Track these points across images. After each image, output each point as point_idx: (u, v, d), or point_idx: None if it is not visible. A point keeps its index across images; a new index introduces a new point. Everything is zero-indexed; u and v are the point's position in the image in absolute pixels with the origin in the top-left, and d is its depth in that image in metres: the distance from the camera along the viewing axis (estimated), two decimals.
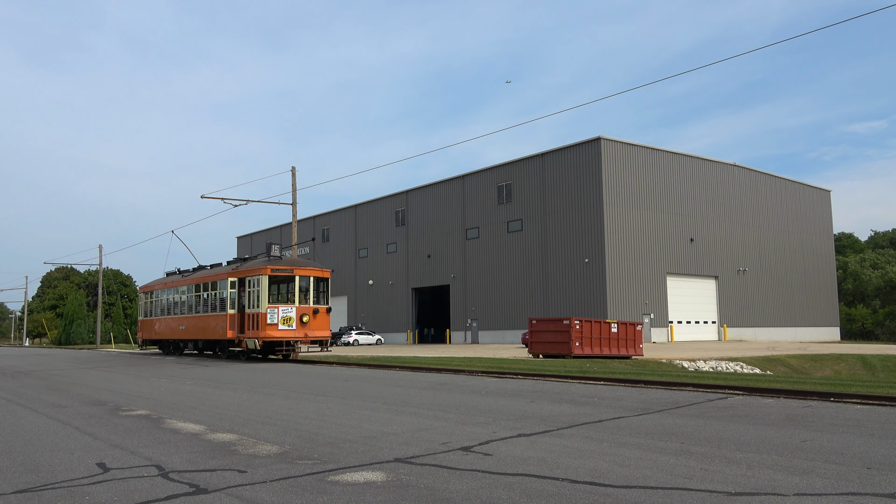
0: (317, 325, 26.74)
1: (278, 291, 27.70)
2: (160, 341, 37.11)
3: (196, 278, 32.16)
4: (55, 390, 15.75)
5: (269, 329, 25.68)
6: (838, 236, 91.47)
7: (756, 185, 60.26)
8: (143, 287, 39.86)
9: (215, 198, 34.44)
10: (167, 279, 36.55)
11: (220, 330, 28.72)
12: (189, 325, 32.37)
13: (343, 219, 72.55)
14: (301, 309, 26.41)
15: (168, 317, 35.17)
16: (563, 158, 51.22)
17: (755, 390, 12.91)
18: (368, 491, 5.62)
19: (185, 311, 33.11)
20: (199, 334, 31.19)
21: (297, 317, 26.18)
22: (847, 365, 34.07)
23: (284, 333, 25.90)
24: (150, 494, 5.65)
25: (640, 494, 5.41)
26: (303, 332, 26.29)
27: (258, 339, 25.96)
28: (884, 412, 10.07)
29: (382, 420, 9.68)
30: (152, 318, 37.55)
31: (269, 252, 28.24)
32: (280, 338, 25.88)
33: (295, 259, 28.54)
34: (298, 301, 26.65)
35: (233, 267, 29.53)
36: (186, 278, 33.33)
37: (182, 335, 33.18)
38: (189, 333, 32.39)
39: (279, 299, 27.25)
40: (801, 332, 61.94)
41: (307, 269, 27.15)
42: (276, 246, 28.37)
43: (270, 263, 27.05)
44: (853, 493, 5.41)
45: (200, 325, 31.04)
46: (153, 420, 10.12)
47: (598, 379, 16.10)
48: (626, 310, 47.58)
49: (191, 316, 32.29)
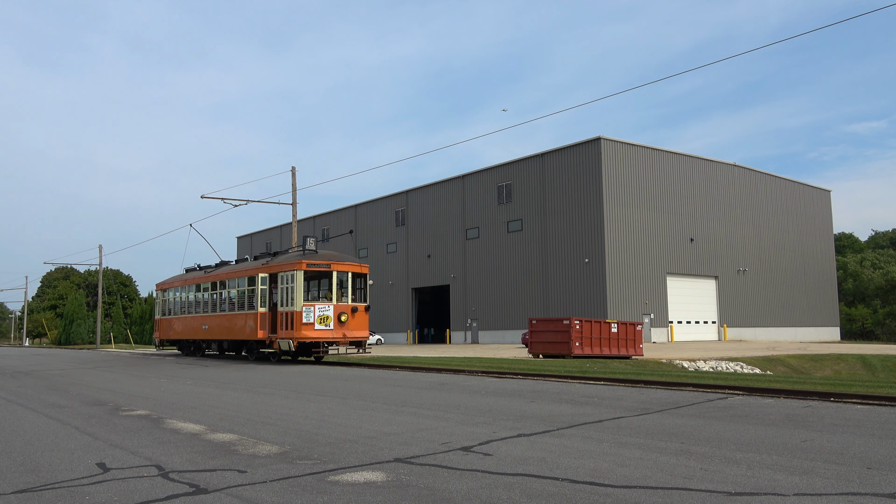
0: (355, 325, 24.87)
1: (315, 288, 25.96)
2: (179, 341, 35.09)
3: (221, 274, 30.09)
4: (55, 390, 15.75)
5: (305, 329, 23.84)
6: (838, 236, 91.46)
7: (756, 185, 60.26)
8: (160, 284, 37.64)
9: (215, 198, 34.45)
10: (187, 275, 34.41)
11: (248, 330, 26.70)
12: (213, 325, 30.30)
13: (343, 219, 72.54)
14: (339, 307, 24.49)
15: (188, 315, 33.14)
16: (563, 158, 51.22)
17: (755, 390, 12.91)
18: (368, 491, 5.62)
19: (207, 310, 31.00)
20: (224, 334, 29.15)
21: (334, 316, 24.31)
22: (847, 365, 34.06)
23: (321, 334, 24.05)
24: (150, 494, 5.65)
25: (640, 494, 5.40)
26: (341, 332, 24.38)
27: (293, 339, 24.03)
28: (884, 412, 10.07)
29: (382, 420, 9.68)
30: (170, 316, 35.47)
31: (305, 245, 25.68)
32: (317, 338, 24.03)
33: (331, 253, 26.53)
34: (336, 298, 24.66)
35: (263, 261, 27.44)
36: (209, 274, 31.23)
37: (204, 335, 31.18)
38: (212, 333, 30.33)
39: (315, 296, 25.58)
40: (801, 332, 61.95)
41: (345, 264, 25.19)
42: (312, 239, 25.73)
43: (306, 257, 24.80)
44: (853, 493, 5.41)
45: (226, 325, 28.97)
46: (153, 420, 10.12)
47: (598, 379, 16.10)
48: (626, 310, 47.58)
49: (215, 314, 30.25)
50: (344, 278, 24.93)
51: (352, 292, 24.98)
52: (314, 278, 25.88)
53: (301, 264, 24.34)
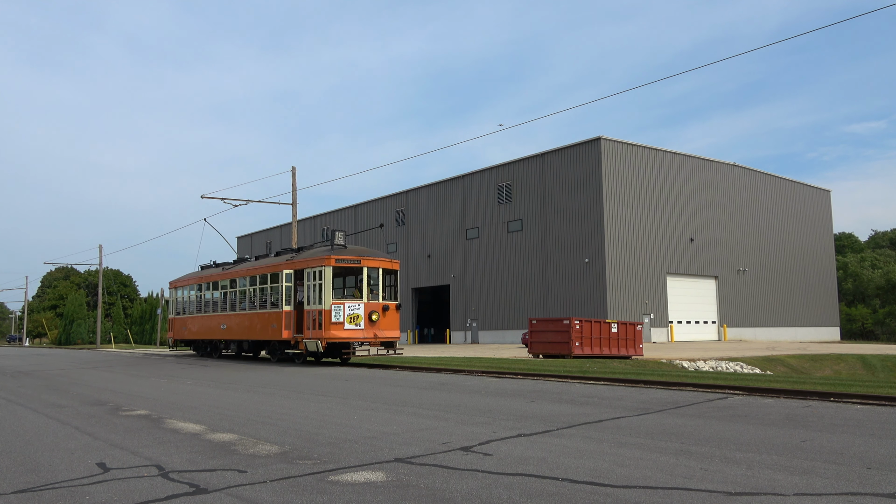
0: (386, 325, 23.56)
1: (342, 285, 24.64)
2: (195, 342, 33.59)
3: (241, 271, 28.59)
4: (55, 390, 15.75)
5: (334, 328, 22.48)
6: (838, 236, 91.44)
7: (756, 185, 60.25)
8: (173, 282, 36.04)
9: (215, 198, 34.45)
10: (203, 273, 32.93)
11: (271, 329, 25.38)
12: (232, 324, 28.81)
13: (343, 219, 72.52)
14: (370, 305, 23.13)
15: (205, 314, 31.60)
16: (563, 158, 51.21)
17: (755, 390, 12.91)
18: (368, 491, 5.62)
19: (226, 309, 29.49)
20: (245, 334, 27.68)
21: (365, 314, 22.92)
22: (847, 365, 34.06)
23: (351, 334, 22.68)
24: (150, 494, 5.65)
25: (640, 494, 5.41)
26: (372, 331, 23.03)
27: (321, 339, 22.63)
28: (884, 412, 10.07)
29: (382, 420, 9.68)
30: (185, 315, 33.88)
31: (333, 239, 24.18)
32: (346, 338, 22.64)
33: (360, 248, 25.10)
34: (366, 296, 23.29)
35: (287, 257, 25.89)
36: (228, 271, 29.82)
37: (223, 335, 29.63)
38: (231, 333, 28.83)
39: (343, 294, 24.22)
40: (801, 332, 61.94)
41: (375, 260, 23.81)
42: (341, 233, 24.31)
43: (334, 252, 23.46)
44: (853, 493, 5.41)
45: (246, 324, 27.52)
46: (153, 420, 10.12)
47: (598, 379, 16.10)
48: (626, 310, 47.57)
49: (234, 313, 28.72)
50: (374, 275, 23.72)
51: (382, 290, 23.78)
52: (342, 275, 24.61)
53: (329, 260, 23.07)
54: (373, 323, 23.02)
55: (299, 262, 24.47)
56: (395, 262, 24.51)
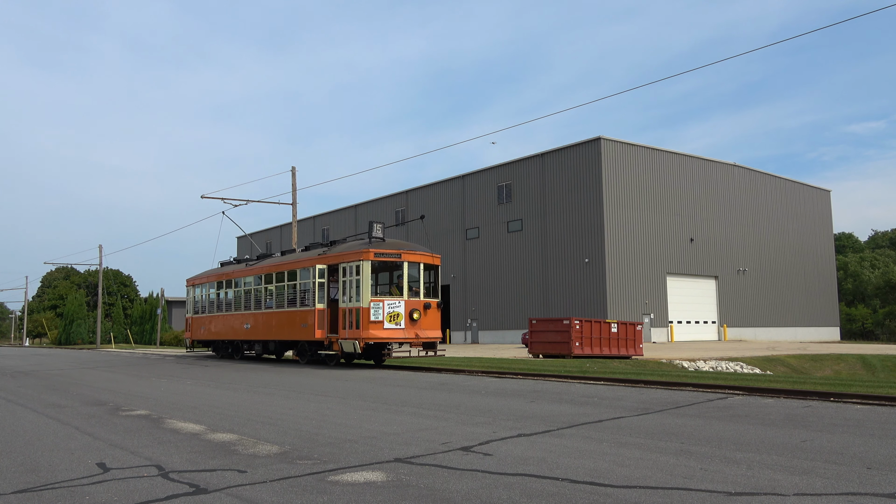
0: (428, 324, 21.93)
1: (379, 281, 23.10)
2: (214, 342, 31.97)
3: (266, 267, 26.85)
4: (55, 390, 15.74)
5: (373, 328, 21.00)
6: (838, 236, 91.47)
7: (756, 185, 60.26)
8: (191, 279, 34.28)
9: (215, 198, 34.46)
10: (224, 269, 31.29)
11: (302, 329, 23.75)
12: (257, 324, 27.09)
13: (343, 219, 72.52)
14: (411, 303, 21.50)
15: (226, 313, 29.87)
16: (563, 158, 51.22)
17: (755, 390, 12.91)
18: (368, 491, 5.62)
19: (250, 307, 27.78)
20: (271, 334, 26.02)
21: (406, 313, 21.33)
22: (847, 365, 34.07)
23: (391, 333, 21.17)
24: (150, 494, 5.65)
25: (640, 494, 5.40)
26: (413, 331, 21.40)
27: (358, 340, 21.10)
28: (884, 412, 10.07)
29: (382, 420, 9.68)
30: (204, 315, 32.16)
31: (371, 231, 22.49)
32: (386, 339, 21.16)
33: (399, 241, 23.57)
34: (406, 293, 21.65)
35: (320, 251, 24.28)
36: (252, 267, 28.13)
37: (246, 335, 27.95)
38: (255, 333, 27.18)
39: (381, 291, 22.52)
40: (801, 332, 61.94)
41: (417, 254, 22.18)
42: (379, 225, 22.69)
43: (372, 246, 21.81)
44: (853, 493, 5.41)
45: (273, 323, 25.82)
46: (153, 420, 10.11)
47: (598, 379, 16.10)
48: (626, 310, 47.58)
49: (259, 312, 27.01)
50: (415, 270, 22.05)
51: (424, 286, 22.21)
52: (380, 270, 22.90)
53: (368, 254, 21.45)
54: (414, 322, 21.46)
55: (333, 257, 22.94)
56: (436, 256, 23.00)
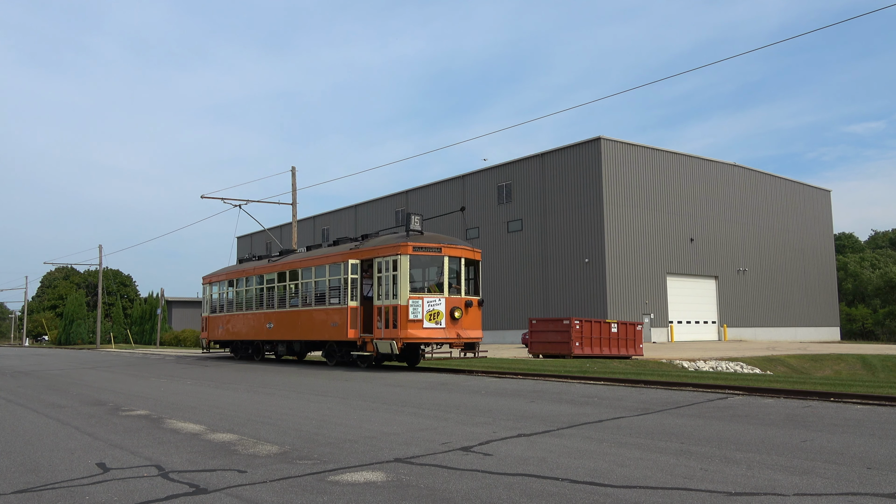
0: (469, 323, 20.53)
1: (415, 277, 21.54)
2: (233, 342, 30.36)
3: (292, 262, 25.35)
4: (55, 390, 15.74)
5: (412, 327, 19.56)
6: (838, 236, 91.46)
7: (756, 185, 60.25)
8: (207, 277, 32.77)
9: (215, 198, 34.47)
10: (243, 266, 29.91)
11: (331, 328, 22.33)
12: (281, 323, 25.65)
13: (343, 219, 72.53)
14: (452, 301, 20.05)
15: (247, 312, 28.26)
16: (563, 158, 51.22)
17: (755, 390, 12.91)
18: (368, 491, 5.62)
19: (272, 305, 26.31)
20: (297, 334, 24.60)
21: (446, 311, 19.90)
22: (847, 365, 34.07)
23: (431, 333, 19.73)
24: (150, 494, 5.65)
25: (640, 494, 5.40)
26: (454, 331, 19.97)
27: (395, 340, 19.71)
28: (884, 412, 10.07)
29: (382, 420, 9.68)
30: (222, 314, 30.62)
31: (409, 224, 21.01)
32: (426, 339, 19.78)
33: (437, 234, 22.13)
34: (446, 290, 20.25)
35: (351, 245, 22.78)
36: (275, 263, 26.65)
37: (269, 335, 26.48)
38: (279, 333, 25.74)
39: (419, 287, 20.92)
40: (801, 332, 61.94)
41: (457, 248, 20.83)
42: (417, 217, 21.25)
43: (411, 239, 20.49)
44: (853, 493, 5.41)
45: (299, 323, 24.35)
46: (153, 420, 10.11)
47: (598, 379, 16.10)
48: (626, 310, 47.57)
49: (283, 311, 25.56)
50: (455, 265, 20.77)
51: (465, 283, 20.82)
52: (418, 265, 21.41)
53: (406, 247, 20.07)
54: (455, 321, 20.04)
55: (367, 251, 21.48)
56: (477, 251, 21.70)
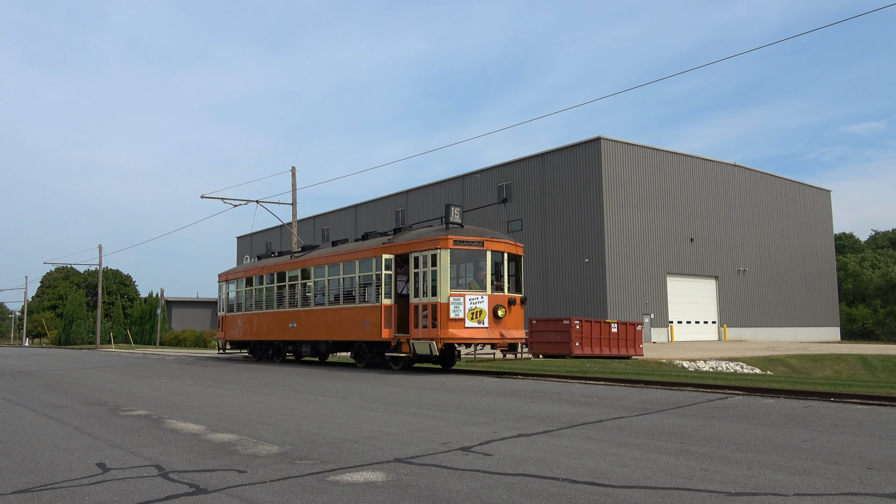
0: (512, 323, 19.31)
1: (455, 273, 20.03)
2: (252, 343, 28.90)
3: (318, 258, 24.09)
4: (55, 390, 15.74)
5: (453, 326, 18.31)
6: (838, 236, 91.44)
7: (756, 185, 60.24)
8: (223, 274, 31.42)
9: (215, 198, 34.46)
10: (263, 263, 28.62)
11: (362, 328, 21.08)
12: (305, 322, 24.35)
13: (343, 219, 72.51)
14: (495, 298, 18.78)
15: (267, 311, 26.94)
16: (563, 158, 51.20)
17: (755, 390, 12.91)
18: (368, 491, 5.61)
19: (296, 304, 25.05)
20: (323, 334, 23.33)
21: (489, 309, 18.61)
22: (847, 365, 34.06)
23: (473, 333, 18.52)
24: (150, 494, 5.65)
25: (640, 494, 5.40)
26: (497, 330, 18.72)
27: (435, 340, 18.42)
28: (884, 412, 10.06)
29: (382, 420, 9.68)
30: (239, 313, 29.19)
31: (448, 215, 19.70)
32: (468, 339, 18.62)
33: (479, 228, 20.84)
34: (489, 287, 18.90)
35: (384, 239, 21.45)
36: (298, 259, 25.40)
37: (292, 335, 25.14)
38: (304, 333, 24.43)
39: (460, 284, 19.55)
40: (801, 332, 61.92)
41: (500, 242, 19.51)
42: (457, 208, 20.00)
43: (451, 233, 19.13)
44: (853, 493, 5.41)
45: (326, 322, 23.10)
46: (153, 420, 10.11)
47: (598, 379, 16.10)
48: (626, 310, 47.56)
49: (308, 309, 24.26)
50: (499, 260, 19.36)
51: (507, 280, 19.57)
52: (457, 261, 19.82)
53: (446, 241, 18.80)
54: (498, 320, 18.80)
55: (403, 245, 20.24)
56: (520, 245, 20.50)
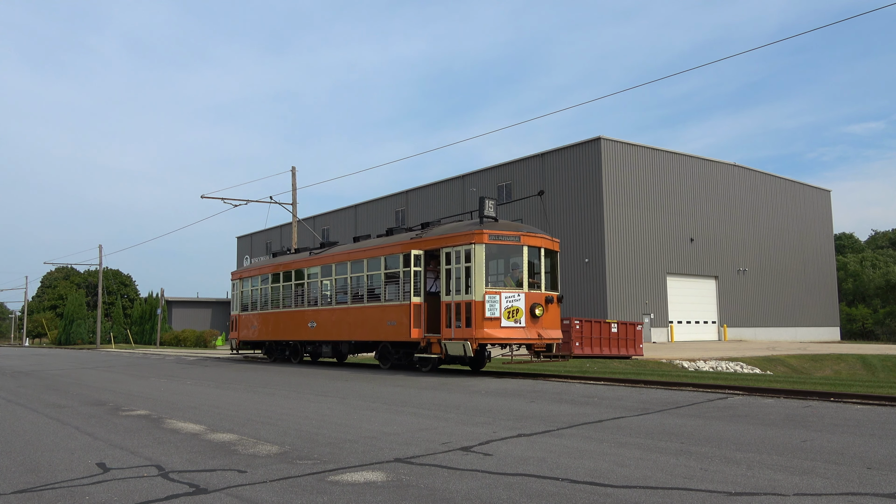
0: (549, 322, 18.14)
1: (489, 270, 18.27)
2: (268, 343, 27.68)
3: (340, 255, 22.75)
4: (55, 390, 15.74)
5: (489, 326, 17.19)
6: (838, 236, 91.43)
7: (756, 185, 60.24)
8: (236, 272, 30.35)
9: (215, 198, 34.46)
10: (280, 260, 27.49)
11: (388, 328, 19.93)
12: (325, 321, 23.10)
13: (343, 219, 72.50)
14: (532, 296, 17.65)
15: (284, 310, 25.70)
16: (563, 158, 51.21)
17: (755, 390, 12.91)
18: (368, 491, 5.61)
19: (316, 302, 23.88)
20: (346, 334, 22.11)
21: (526, 308, 17.51)
22: (847, 365, 34.06)
23: (509, 333, 17.39)
24: (150, 494, 5.65)
25: (640, 494, 5.40)
26: (535, 330, 17.60)
27: (469, 340, 17.30)
28: (884, 412, 10.06)
29: (382, 420, 9.68)
30: (255, 312, 27.97)
31: (483, 209, 18.69)
32: (505, 339, 17.52)
33: (512, 222, 19.77)
34: (526, 284, 17.78)
35: (413, 234, 20.22)
36: (318, 256, 24.09)
37: (312, 335, 23.87)
38: (325, 333, 23.18)
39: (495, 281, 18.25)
40: (801, 332, 61.92)
41: (537, 237, 18.37)
42: (492, 201, 18.93)
43: (485, 227, 18.06)
44: (853, 493, 5.41)
45: (348, 321, 21.90)
46: (153, 420, 10.11)
47: (598, 379, 16.10)
48: (626, 310, 47.56)
49: (329, 308, 23.01)
50: (535, 257, 18.27)
51: (543, 277, 18.38)
52: (492, 256, 18.47)
53: (481, 235, 17.71)
54: (535, 319, 17.68)
55: (433, 240, 19.03)
56: (556, 240, 19.29)
